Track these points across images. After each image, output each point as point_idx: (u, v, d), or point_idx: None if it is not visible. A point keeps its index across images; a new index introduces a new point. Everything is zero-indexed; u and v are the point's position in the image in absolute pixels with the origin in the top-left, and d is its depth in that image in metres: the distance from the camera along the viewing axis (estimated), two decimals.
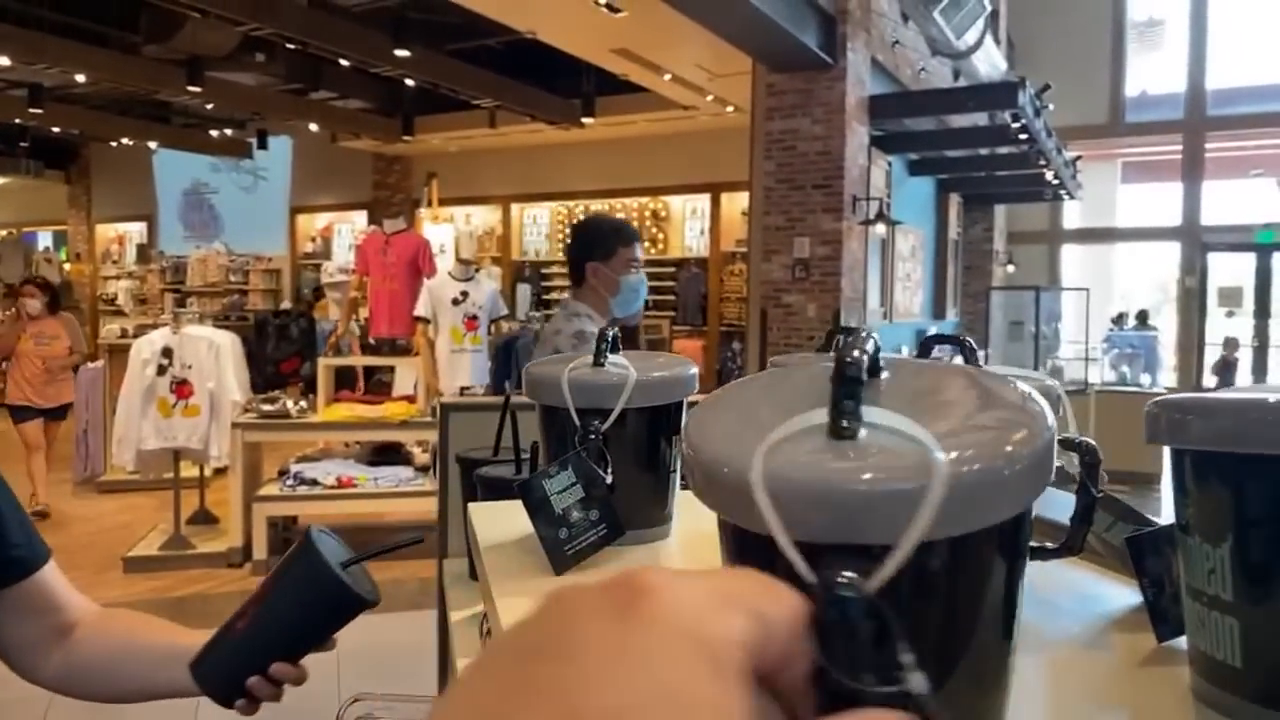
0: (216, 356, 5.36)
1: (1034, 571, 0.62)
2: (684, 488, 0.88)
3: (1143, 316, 12.85)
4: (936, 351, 0.67)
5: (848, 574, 0.29)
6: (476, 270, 6.34)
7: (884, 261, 8.93)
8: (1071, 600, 0.59)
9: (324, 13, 8.41)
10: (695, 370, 0.76)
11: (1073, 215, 14.31)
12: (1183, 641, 0.48)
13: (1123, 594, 0.60)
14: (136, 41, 9.05)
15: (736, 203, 11.47)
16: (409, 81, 9.78)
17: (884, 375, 0.42)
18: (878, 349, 0.39)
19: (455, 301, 5.78)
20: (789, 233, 7.76)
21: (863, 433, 0.37)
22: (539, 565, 0.65)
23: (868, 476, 0.34)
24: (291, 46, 8.65)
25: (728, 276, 12.24)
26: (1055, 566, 0.65)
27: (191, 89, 9.43)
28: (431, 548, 3.06)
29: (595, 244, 2.28)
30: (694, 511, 0.84)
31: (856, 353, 0.37)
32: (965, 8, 7.73)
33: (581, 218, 2.37)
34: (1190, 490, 0.43)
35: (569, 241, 2.43)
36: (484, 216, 13.75)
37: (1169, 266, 14.08)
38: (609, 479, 0.68)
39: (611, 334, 0.74)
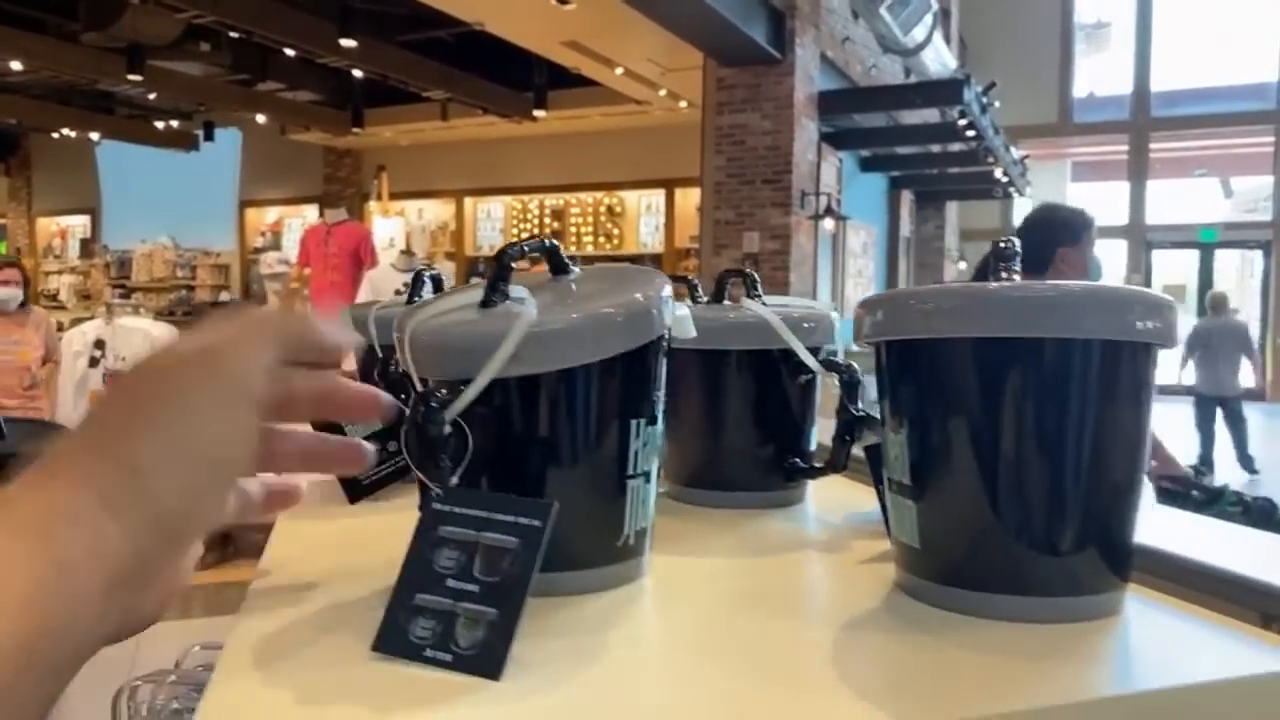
0: (152, 349, 5.24)
1: (828, 494, 0.64)
2: None
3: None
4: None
5: (440, 394, 0.46)
6: (424, 263, 6.29)
7: (834, 257, 9.01)
8: (838, 516, 0.61)
9: (268, 0, 8.29)
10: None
11: (1024, 213, 14.56)
12: None
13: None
14: (75, 28, 8.84)
15: (691, 198, 11.50)
16: (357, 73, 9.67)
17: (573, 274, 0.52)
18: (558, 251, 0.52)
19: (398, 293, 5.72)
20: (738, 227, 7.80)
21: (508, 304, 0.48)
22: (338, 496, 0.65)
23: (469, 330, 0.47)
24: (236, 35, 8.52)
25: (682, 272, 12.28)
26: (842, 490, 0.67)
27: (132, 78, 9.23)
28: None
29: (1062, 230, 2.36)
30: None
31: (518, 249, 0.50)
32: (911, 5, 7.82)
33: (1036, 209, 2.50)
34: (882, 383, 0.44)
35: (1026, 230, 2.43)
36: (437, 210, 13.65)
37: (1116, 264, 14.40)
38: (407, 411, 0.68)
39: (430, 275, 0.75)
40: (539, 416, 0.46)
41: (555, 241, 0.52)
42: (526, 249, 0.51)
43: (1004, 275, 0.42)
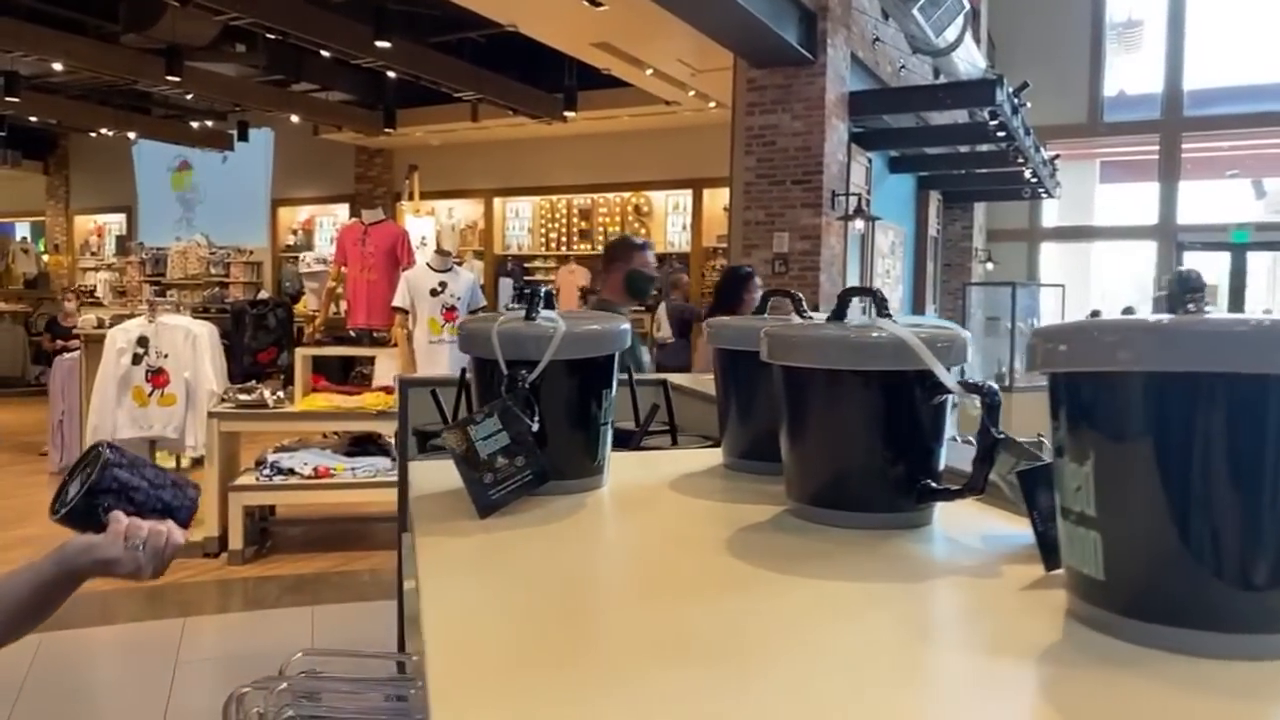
0: (193, 346, 5.33)
1: (955, 518, 0.65)
2: (617, 447, 0.91)
3: (1128, 314, 12.93)
4: (856, 301, 0.69)
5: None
6: (456, 261, 6.32)
7: (863, 257, 8.97)
8: (975, 539, 0.62)
9: (304, 2, 8.36)
10: (626, 326, 0.78)
11: (1052, 214, 14.42)
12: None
13: (1025, 534, 0.62)
14: (115, 30, 8.97)
15: (718, 198, 11.50)
16: (390, 74, 9.74)
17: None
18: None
19: (434, 292, 5.77)
20: (768, 228, 7.78)
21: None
22: (467, 511, 0.66)
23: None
24: (272, 36, 8.60)
25: (709, 272, 12.27)
26: (976, 514, 0.67)
27: (171, 79, 9.35)
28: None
29: None
30: (629, 469, 0.86)
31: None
32: (944, 5, 7.77)
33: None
34: (1060, 414, 0.45)
35: None
36: (466, 210, 13.72)
37: (1146, 265, 14.22)
38: (535, 426, 0.70)
39: (545, 290, 0.77)
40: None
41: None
42: None
43: (1191, 307, 0.43)
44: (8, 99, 10.95)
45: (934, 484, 0.62)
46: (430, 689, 0.37)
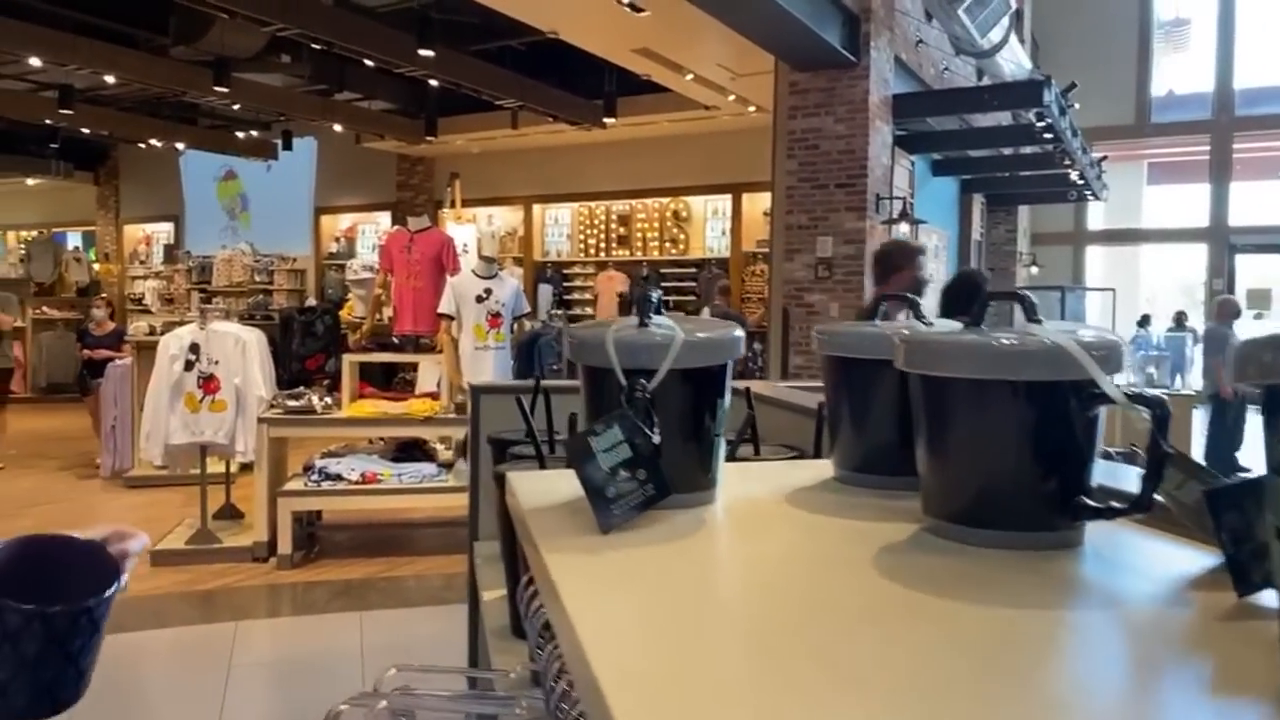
0: (243, 352, 5.39)
1: (1106, 537, 0.61)
2: (729, 458, 0.87)
3: (1179, 319, 12.63)
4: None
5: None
6: (500, 268, 6.33)
7: None
8: (1146, 563, 0.58)
9: (349, 13, 8.47)
10: (740, 333, 0.76)
11: (1097, 216, 14.18)
12: (1265, 598, 0.47)
13: (1197, 556, 0.58)
14: (165, 43, 9.14)
15: (758, 203, 11.45)
16: (432, 82, 9.82)
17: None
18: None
19: (479, 299, 5.78)
20: (811, 232, 7.72)
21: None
22: (584, 525, 0.64)
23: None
24: (317, 47, 8.72)
25: (749, 277, 12.21)
26: (1127, 534, 0.63)
27: (218, 90, 9.51)
28: (459, 542, 3.08)
29: None
30: (736, 482, 0.83)
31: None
32: (989, 6, 7.65)
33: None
34: None
35: None
36: (506, 217, 13.80)
37: (1196, 268, 13.93)
38: (656, 438, 0.67)
39: (655, 295, 0.74)
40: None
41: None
42: None
43: None
44: (61, 111, 11.22)
45: (1091, 501, 0.58)
46: (615, 714, 0.34)
